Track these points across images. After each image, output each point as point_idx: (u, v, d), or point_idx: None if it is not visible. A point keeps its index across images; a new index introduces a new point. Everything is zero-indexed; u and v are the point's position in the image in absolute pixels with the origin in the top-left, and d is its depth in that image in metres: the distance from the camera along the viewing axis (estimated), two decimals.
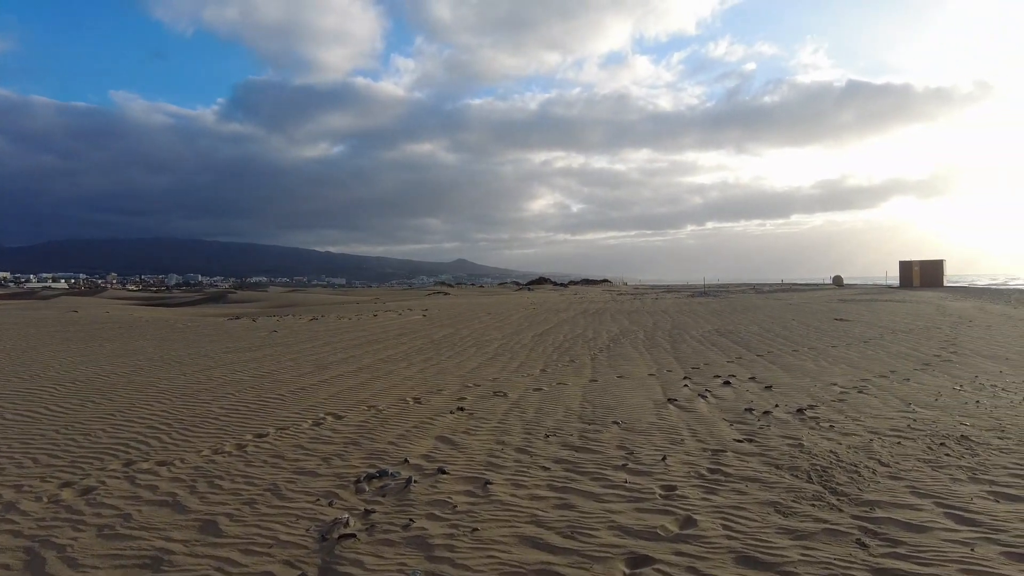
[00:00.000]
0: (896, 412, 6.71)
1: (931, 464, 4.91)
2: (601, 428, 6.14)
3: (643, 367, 10.06)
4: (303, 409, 7.14)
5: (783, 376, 9.07)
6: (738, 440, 5.69)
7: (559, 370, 9.76)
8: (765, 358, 10.96)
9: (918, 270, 49.00)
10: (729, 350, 12.08)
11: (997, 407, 6.89)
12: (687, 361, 10.70)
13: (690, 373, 9.43)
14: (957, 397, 7.43)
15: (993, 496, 4.23)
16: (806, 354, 11.29)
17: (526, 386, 8.39)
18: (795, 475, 4.68)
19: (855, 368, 9.68)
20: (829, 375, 9.11)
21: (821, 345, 12.46)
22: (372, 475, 4.67)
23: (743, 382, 8.67)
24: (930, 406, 6.98)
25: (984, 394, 7.59)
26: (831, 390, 7.98)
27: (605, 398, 7.58)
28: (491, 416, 6.67)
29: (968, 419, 6.34)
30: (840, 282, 56.66)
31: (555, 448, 5.46)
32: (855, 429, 6.02)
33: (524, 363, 10.50)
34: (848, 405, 7.10)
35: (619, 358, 11.12)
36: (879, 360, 10.45)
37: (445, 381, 8.81)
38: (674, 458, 5.14)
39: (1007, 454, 5.16)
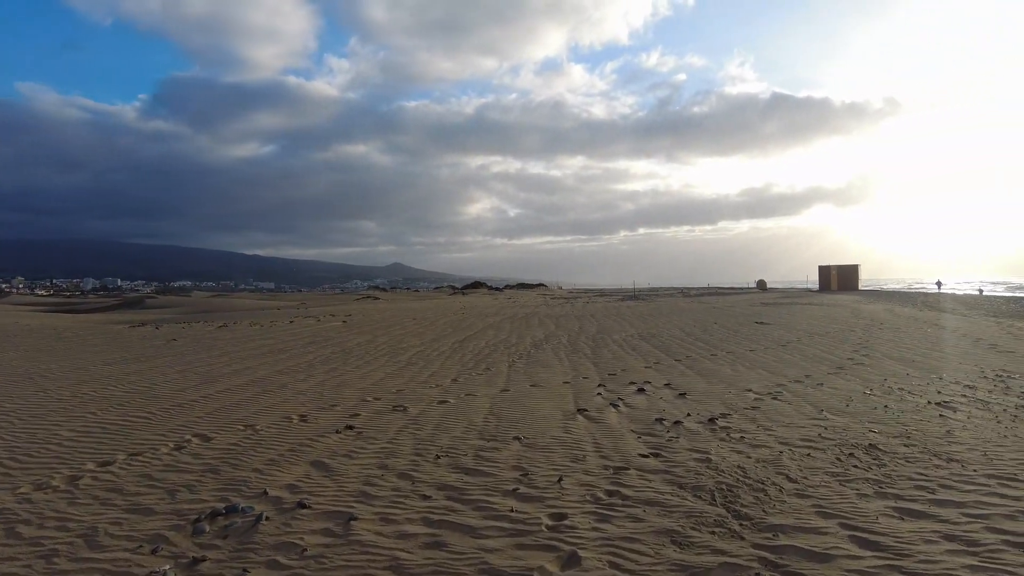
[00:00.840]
0: (808, 420, 6.49)
1: (839, 478, 4.61)
2: (500, 445, 5.61)
3: (560, 374, 9.62)
4: (169, 430, 6.29)
5: (699, 382, 8.82)
6: (643, 455, 5.27)
7: (472, 380, 9.20)
8: (683, 363, 10.74)
9: (836, 274, 51.24)
10: (649, 355, 11.83)
11: (904, 412, 6.78)
12: (605, 367, 10.35)
13: (606, 380, 9.06)
14: (867, 402, 7.31)
15: (898, 513, 3.94)
16: (724, 359, 11.15)
17: (431, 398, 7.79)
18: (698, 496, 4.28)
19: (771, 373, 9.56)
20: (745, 380, 8.92)
21: (740, 349, 12.39)
22: (218, 512, 3.97)
23: (658, 389, 8.35)
24: (841, 412, 6.81)
25: (892, 398, 7.51)
26: (745, 397, 7.75)
27: (513, 410, 7.07)
28: (382, 435, 6.03)
29: (877, 425, 6.17)
30: (763, 286, 58.63)
31: (443, 471, 4.88)
32: (766, 440, 5.72)
33: (436, 373, 9.88)
34: (761, 413, 6.85)
35: (537, 365, 10.66)
36: (795, 364, 10.39)
37: (342, 395, 8.10)
38: (572, 479, 4.66)
39: (912, 463, 4.95)
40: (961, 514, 3.92)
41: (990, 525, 3.74)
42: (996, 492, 4.30)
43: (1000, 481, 4.52)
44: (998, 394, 7.80)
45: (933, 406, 7.08)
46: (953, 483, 4.49)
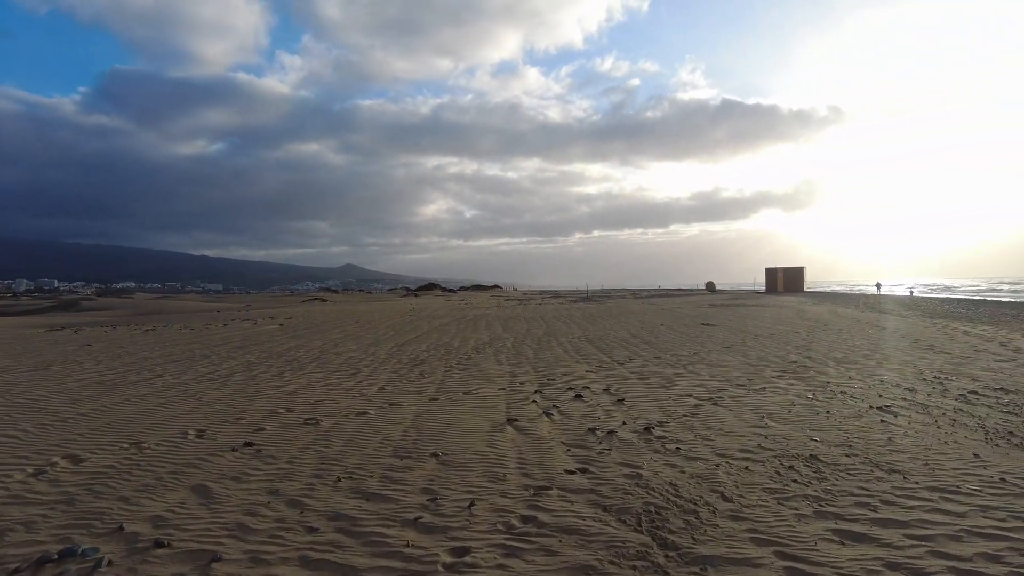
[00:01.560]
0: (748, 428, 6.15)
1: (777, 496, 4.23)
2: (414, 463, 5.07)
3: (496, 380, 9.12)
4: (37, 451, 5.51)
5: (639, 387, 8.44)
6: (570, 471, 4.81)
7: (401, 388, 8.60)
8: (626, 366, 10.39)
9: (782, 276, 52.39)
10: (592, 358, 11.45)
11: (846, 417, 6.53)
12: (545, 371, 9.90)
13: (544, 386, 8.60)
14: (809, 407, 7.04)
15: (838, 536, 3.56)
16: (667, 361, 10.85)
17: (351, 410, 7.17)
18: (623, 520, 3.82)
19: (714, 376, 9.27)
20: (686, 385, 8.60)
21: (684, 351, 12.14)
22: (48, 558, 3.30)
23: (596, 394, 7.94)
24: (783, 419, 6.51)
25: (834, 403, 7.27)
26: (685, 403, 7.40)
27: (437, 422, 6.52)
28: (283, 453, 5.40)
29: (818, 433, 5.87)
30: (712, 288, 59.55)
31: (341, 497, 4.31)
32: (702, 452, 5.33)
33: (364, 380, 9.25)
34: (700, 420, 6.48)
35: (475, 370, 10.14)
36: (738, 367, 10.15)
37: (252, 406, 7.40)
38: (485, 503, 4.15)
39: (853, 476, 4.62)
40: (904, 536, 3.57)
41: (935, 549, 3.40)
42: (939, 508, 3.98)
43: (942, 495, 4.22)
44: (937, 397, 7.66)
45: (875, 411, 6.86)
46: (895, 498, 4.17)
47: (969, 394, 7.79)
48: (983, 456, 5.13)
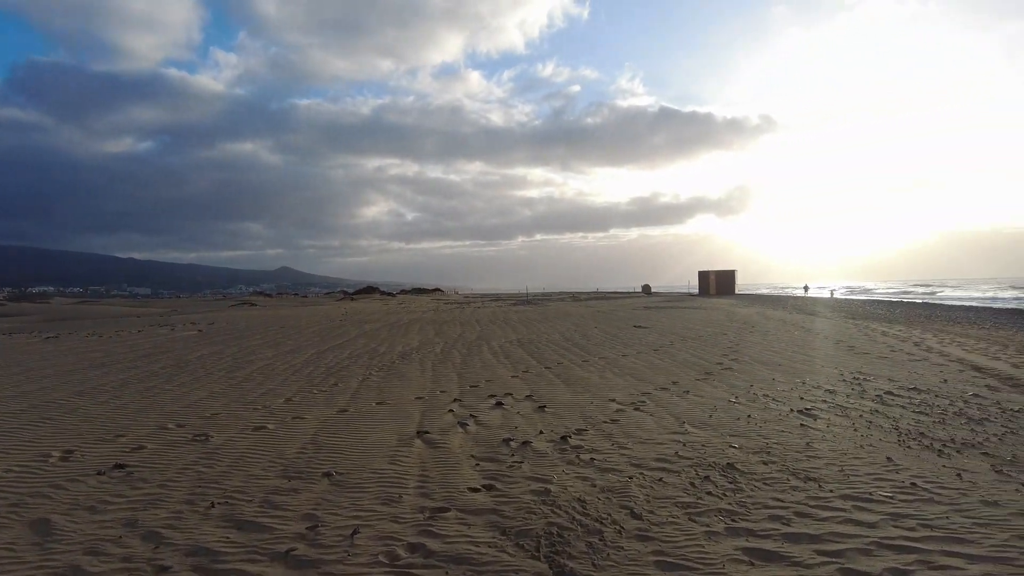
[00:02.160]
0: (668, 435, 5.94)
1: (689, 511, 3.98)
2: (303, 485, 4.59)
3: (416, 388, 8.67)
4: None
5: (564, 392, 8.17)
6: (474, 489, 4.44)
7: (310, 398, 8.04)
8: (553, 370, 10.12)
9: (714, 279, 53.76)
10: (521, 362, 11.14)
11: (767, 422, 6.41)
12: (470, 378, 9.52)
13: (465, 393, 8.22)
14: (731, 412, 6.92)
15: (748, 556, 3.32)
16: (595, 365, 10.65)
17: (249, 423, 6.59)
18: (521, 545, 3.48)
19: (639, 380, 9.10)
20: (611, 389, 8.38)
21: (613, 354, 11.99)
22: None
23: (519, 401, 7.61)
24: (703, 424, 6.33)
25: (756, 407, 7.18)
26: (607, 408, 7.15)
27: (340, 436, 6.03)
28: (157, 475, 4.82)
29: (738, 439, 5.71)
30: (648, 290, 60.58)
31: (210, 526, 3.80)
32: (617, 462, 5.06)
33: (272, 390, 8.62)
34: (620, 427, 6.24)
35: (395, 378, 9.65)
36: (665, 370, 10.04)
37: (137, 421, 6.72)
38: (372, 529, 3.73)
39: (769, 486, 4.43)
40: (815, 552, 3.36)
41: (844, 566, 3.20)
42: (851, 518, 3.81)
43: (856, 503, 4.06)
44: (855, 398, 7.69)
45: (795, 414, 6.79)
46: (809, 508, 3.98)
47: (885, 395, 7.86)
48: (896, 460, 5.05)
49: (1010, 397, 7.75)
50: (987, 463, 5.07)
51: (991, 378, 9.11)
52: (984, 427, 6.23)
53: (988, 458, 5.22)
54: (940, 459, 5.16)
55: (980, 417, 6.64)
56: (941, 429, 6.14)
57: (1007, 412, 6.89)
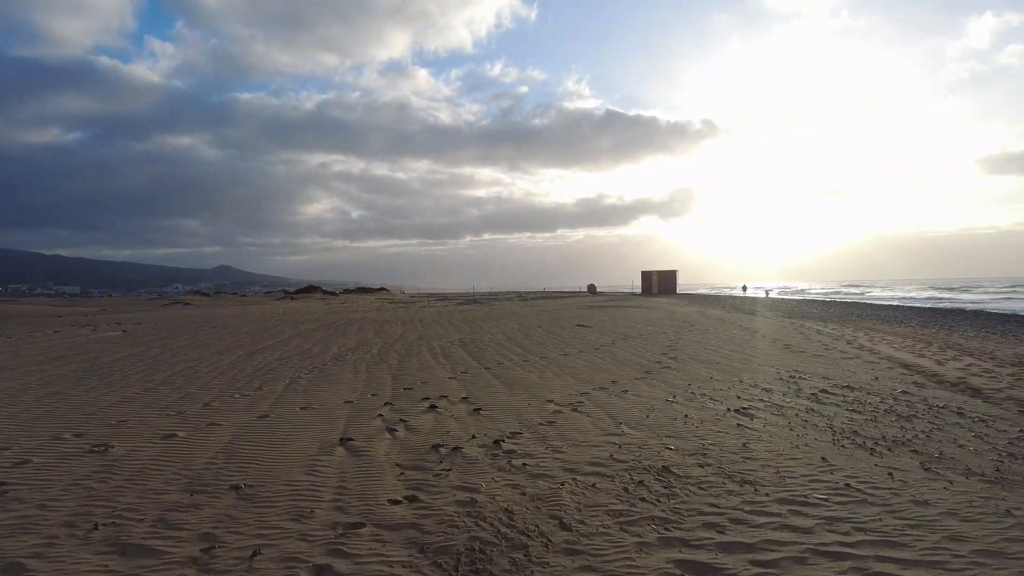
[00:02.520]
0: (604, 436, 5.75)
1: (621, 520, 3.77)
2: (207, 499, 4.16)
3: (346, 392, 8.25)
4: None
5: (502, 394, 7.91)
6: (395, 501, 4.12)
7: (230, 403, 7.52)
8: (493, 371, 9.85)
9: (656, 279, 54.70)
10: (460, 363, 10.83)
11: (704, 422, 6.31)
12: (406, 379, 9.15)
13: (398, 396, 7.85)
14: (668, 411, 6.80)
15: (680, 569, 3.13)
16: (535, 365, 10.44)
17: (158, 431, 6.06)
18: (439, 564, 3.19)
19: (579, 380, 8.93)
20: (550, 389, 8.18)
21: (554, 353, 11.82)
22: None
23: (453, 404, 7.31)
24: (640, 425, 6.18)
25: (693, 406, 7.09)
26: (545, 409, 6.93)
27: (256, 444, 5.60)
28: (38, 494, 4.29)
29: (674, 440, 5.57)
30: (594, 290, 61.18)
31: (88, 552, 3.35)
32: (551, 467, 4.83)
33: (191, 394, 8.05)
34: (556, 429, 6.02)
35: (326, 380, 9.18)
36: (604, 369, 9.92)
37: (30, 431, 6.08)
38: (276, 549, 3.36)
39: (704, 490, 4.27)
40: (749, 563, 3.20)
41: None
42: (787, 524, 3.68)
43: (791, 507, 3.94)
44: (791, 396, 7.72)
45: (732, 413, 6.72)
46: (745, 515, 3.83)
47: (820, 393, 7.92)
48: (830, 459, 5.00)
49: (935, 394, 7.94)
50: (916, 461, 5.08)
51: (918, 375, 9.35)
52: (913, 424, 6.30)
53: (917, 455, 5.24)
54: (872, 458, 5.13)
55: (909, 414, 6.73)
56: (873, 427, 6.17)
57: (933, 409, 7.02)
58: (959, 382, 8.75)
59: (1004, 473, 4.91)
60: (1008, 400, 7.59)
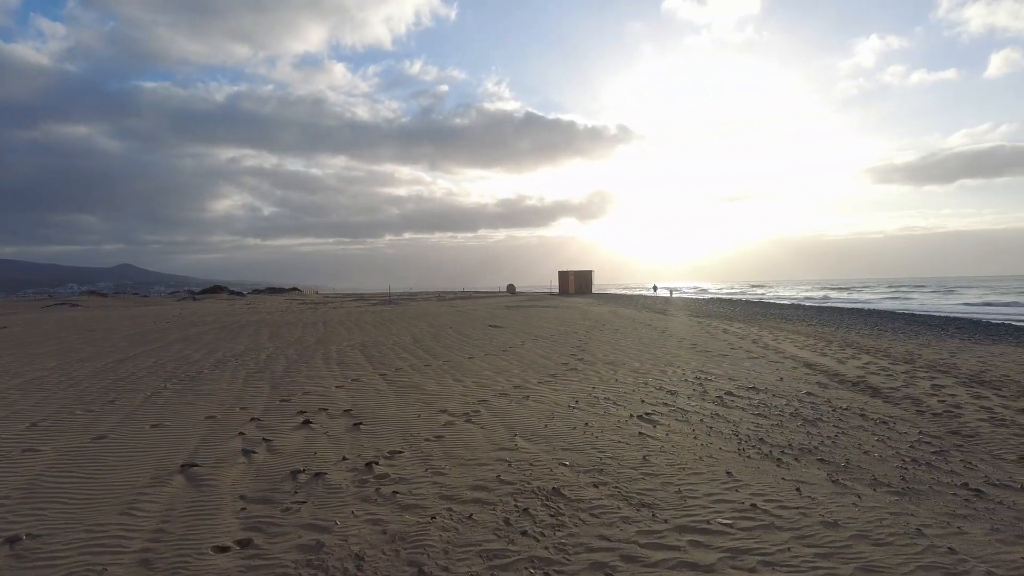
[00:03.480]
0: (495, 452, 5.13)
1: (495, 563, 3.14)
2: None
3: (212, 405, 7.24)
4: None
5: (391, 404, 7.16)
6: (222, 548, 3.31)
7: (66, 421, 6.38)
8: (388, 377, 9.06)
9: (573, 279, 55.14)
10: (354, 369, 9.96)
11: (604, 430, 5.81)
12: (287, 389, 8.21)
13: (271, 409, 6.94)
14: (568, 419, 6.27)
15: None
16: (436, 370, 9.73)
17: None
18: None
19: (480, 385, 8.30)
20: (447, 397, 7.50)
21: (459, 357, 11.14)
22: None
23: (333, 418, 6.49)
24: (537, 436, 5.61)
25: (595, 412, 6.60)
26: (435, 422, 6.24)
27: (74, 475, 4.60)
28: None
29: (570, 454, 5.02)
30: (513, 290, 61.03)
31: None
32: (425, 494, 4.14)
33: (20, 412, 6.81)
34: (442, 446, 5.34)
35: (193, 392, 8.10)
36: (509, 373, 9.34)
37: None
38: None
39: (596, 517, 3.72)
40: None
41: None
42: (686, 561, 3.16)
43: (692, 537, 3.44)
44: (696, 399, 7.39)
45: (635, 420, 6.28)
46: (639, 549, 3.29)
47: (725, 395, 7.65)
48: (735, 474, 4.58)
49: (839, 394, 7.84)
50: (824, 472, 4.76)
51: (821, 374, 9.32)
52: (818, 428, 6.06)
53: (824, 465, 4.93)
54: (779, 470, 4.77)
55: (814, 417, 6.51)
56: (779, 433, 5.87)
57: (837, 411, 6.86)
58: (859, 381, 8.75)
59: (910, 482, 4.66)
60: (905, 399, 7.57)
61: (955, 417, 6.55)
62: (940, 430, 6.07)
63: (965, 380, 8.91)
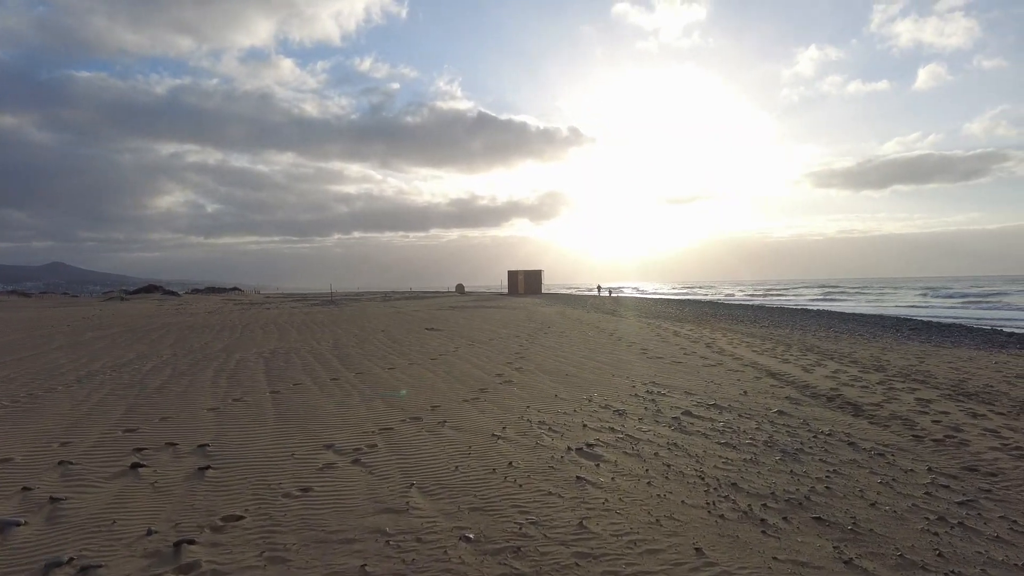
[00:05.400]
0: (373, 516, 3.66)
1: None
2: None
3: (26, 437, 5.52)
4: None
5: (266, 434, 5.58)
6: None
7: None
8: (279, 395, 7.45)
9: (522, 278, 53.97)
10: (245, 384, 8.30)
11: (532, 473, 4.41)
12: (143, 414, 6.51)
13: (104, 444, 5.27)
14: (488, 456, 4.85)
15: None
16: (344, 384, 8.16)
17: None
18: None
19: (390, 406, 6.80)
20: (343, 423, 5.98)
21: (379, 368, 9.58)
22: None
23: (180, 457, 4.88)
24: (440, 486, 4.16)
25: (525, 443, 5.20)
26: (311, 464, 4.72)
27: None
28: None
29: (480, 519, 3.59)
30: (462, 290, 59.45)
31: None
32: None
33: None
34: (305, 505, 3.84)
35: (19, 418, 6.34)
36: (431, 387, 7.86)
37: None
38: None
39: None
40: None
41: None
42: None
43: None
44: (649, 422, 6.08)
45: (573, 455, 4.90)
46: None
47: (683, 416, 6.36)
48: (707, 551, 3.23)
49: (815, 413, 6.66)
50: (827, 542, 3.46)
51: (789, 386, 8.18)
52: (803, 465, 4.81)
53: (825, 529, 3.64)
54: (767, 539, 3.44)
55: (794, 448, 5.26)
56: (756, 473, 4.57)
57: (819, 437, 5.64)
58: (834, 396, 7.62)
59: (950, 560, 3.40)
60: (893, 419, 6.44)
61: (962, 445, 5.42)
62: (953, 465, 4.90)
63: (949, 392, 7.90)
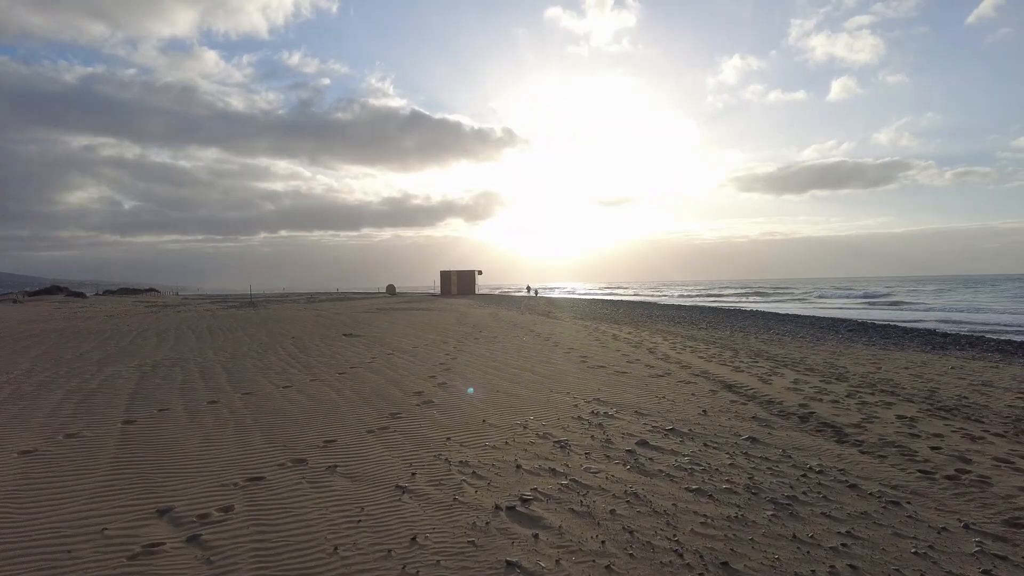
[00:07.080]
0: None
1: None
2: None
3: None
4: None
5: (87, 491, 4.00)
6: None
7: None
8: (131, 428, 5.79)
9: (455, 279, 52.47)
10: (94, 411, 6.57)
11: (442, 556, 3.07)
12: None
13: None
14: (385, 526, 3.48)
15: None
16: (221, 410, 6.55)
17: None
18: None
19: (270, 441, 5.31)
20: (200, 468, 4.46)
21: (271, 386, 7.98)
22: None
23: None
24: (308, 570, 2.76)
25: (438, 502, 3.85)
26: (128, 542, 3.22)
27: None
28: None
29: None
30: (392, 290, 57.35)
31: None
32: None
33: None
34: None
35: None
36: (330, 414, 6.38)
37: None
38: None
39: None
40: None
41: None
42: None
43: None
44: (598, 458, 4.86)
45: (503, 519, 3.60)
46: None
47: (639, 447, 5.17)
48: None
49: (793, 439, 5.61)
50: None
51: (751, 402, 7.17)
52: (804, 524, 3.66)
53: None
54: None
55: (785, 495, 4.12)
56: (749, 543, 3.38)
57: (809, 476, 4.55)
58: (806, 414, 6.62)
59: None
60: (885, 446, 5.45)
61: (984, 484, 4.44)
62: (990, 518, 3.87)
63: (927, 407, 7.07)
